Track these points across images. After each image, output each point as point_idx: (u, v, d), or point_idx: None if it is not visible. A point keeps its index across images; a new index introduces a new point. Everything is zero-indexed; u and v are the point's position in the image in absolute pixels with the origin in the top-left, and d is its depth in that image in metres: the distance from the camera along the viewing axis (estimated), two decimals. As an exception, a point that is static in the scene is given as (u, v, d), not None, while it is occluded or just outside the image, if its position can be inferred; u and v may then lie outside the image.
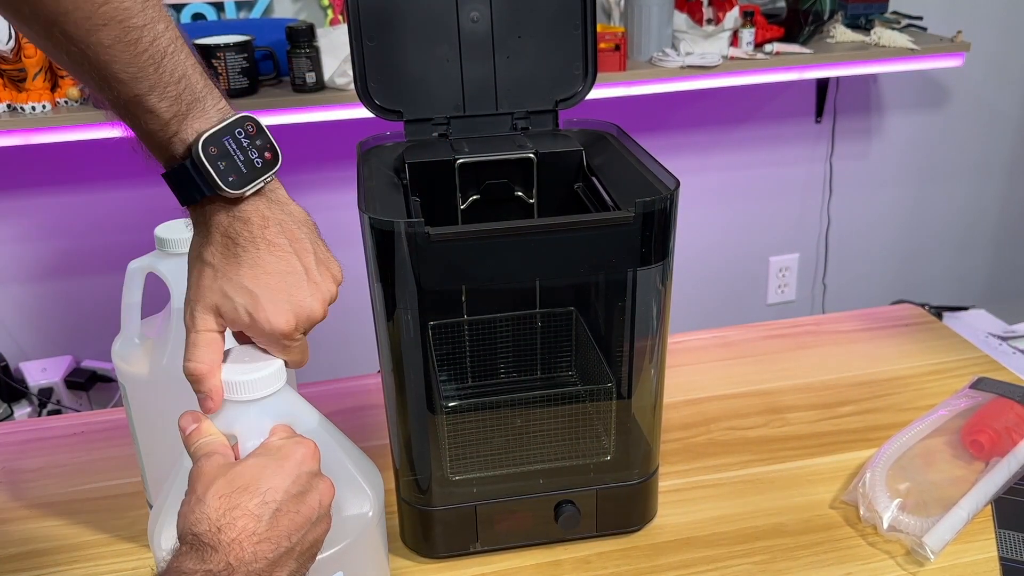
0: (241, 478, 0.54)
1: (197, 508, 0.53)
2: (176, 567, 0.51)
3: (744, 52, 1.99)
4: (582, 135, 0.90)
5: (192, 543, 0.52)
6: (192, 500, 0.54)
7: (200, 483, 0.54)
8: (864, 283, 2.67)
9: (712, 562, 0.82)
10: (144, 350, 0.79)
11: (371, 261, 0.72)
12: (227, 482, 0.54)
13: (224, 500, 0.53)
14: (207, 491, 0.53)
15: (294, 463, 0.56)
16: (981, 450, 0.92)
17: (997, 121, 2.54)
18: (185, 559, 0.51)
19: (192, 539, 0.52)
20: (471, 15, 0.86)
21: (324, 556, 0.66)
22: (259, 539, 0.52)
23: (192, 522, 0.52)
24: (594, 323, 0.90)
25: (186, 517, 0.53)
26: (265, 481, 0.54)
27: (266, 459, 0.56)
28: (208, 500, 0.53)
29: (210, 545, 0.51)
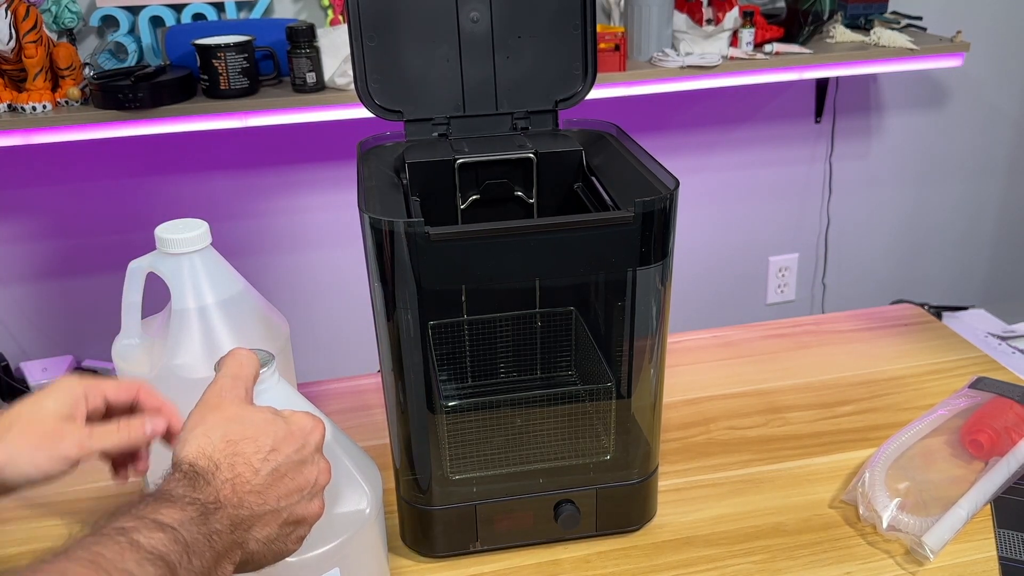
0: (252, 428, 0.55)
1: (203, 441, 0.54)
2: (166, 490, 0.51)
3: (744, 52, 1.99)
4: (582, 135, 0.91)
5: (187, 472, 0.52)
6: (199, 431, 0.55)
7: (213, 415, 0.55)
8: (864, 283, 2.67)
9: (712, 561, 0.82)
10: (144, 350, 0.80)
11: (371, 261, 0.72)
12: (239, 428, 0.55)
13: (230, 445, 0.54)
14: (216, 430, 0.54)
15: (302, 432, 0.58)
16: (980, 450, 0.92)
17: (997, 121, 2.54)
18: (176, 485, 0.51)
19: (188, 469, 0.53)
20: (471, 15, 0.86)
21: (320, 552, 0.66)
22: (250, 489, 0.53)
23: (194, 454, 0.53)
24: (594, 323, 0.90)
25: (188, 445, 0.54)
26: (272, 439, 0.55)
27: (279, 420, 0.57)
28: (215, 439, 0.54)
29: (204, 479, 0.52)
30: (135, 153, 1.98)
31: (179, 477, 0.52)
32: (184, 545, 0.48)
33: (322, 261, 2.24)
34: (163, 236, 0.78)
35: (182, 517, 0.49)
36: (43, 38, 1.67)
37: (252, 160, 2.04)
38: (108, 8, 1.82)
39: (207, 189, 2.07)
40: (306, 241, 2.21)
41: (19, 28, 1.63)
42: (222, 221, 2.11)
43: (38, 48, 1.66)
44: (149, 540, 0.46)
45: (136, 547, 0.45)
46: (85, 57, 1.85)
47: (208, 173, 2.05)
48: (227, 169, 2.06)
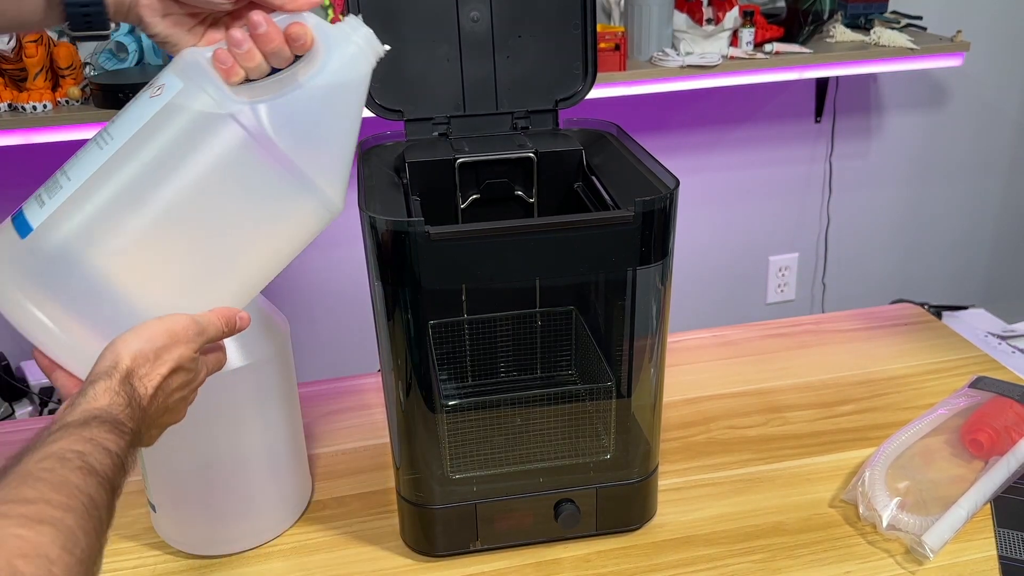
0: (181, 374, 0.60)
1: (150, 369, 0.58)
2: (111, 412, 0.55)
3: (744, 52, 1.99)
4: (582, 135, 0.91)
5: (130, 395, 0.56)
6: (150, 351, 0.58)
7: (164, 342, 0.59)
8: (863, 282, 2.67)
9: (712, 561, 0.82)
10: (145, 349, 0.79)
11: (371, 260, 0.72)
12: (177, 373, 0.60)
13: (157, 378, 0.58)
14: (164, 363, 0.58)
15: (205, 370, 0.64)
16: (980, 449, 0.92)
17: (997, 121, 2.54)
18: (119, 407, 0.55)
19: (130, 390, 0.56)
20: (471, 15, 0.86)
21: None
22: (159, 415, 0.60)
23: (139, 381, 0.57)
24: (594, 322, 0.90)
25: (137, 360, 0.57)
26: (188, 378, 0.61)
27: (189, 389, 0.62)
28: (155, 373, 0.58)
29: (141, 405, 0.57)
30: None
31: (122, 398, 0.55)
32: (122, 469, 0.54)
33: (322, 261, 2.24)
34: (163, 236, 0.78)
35: (122, 445, 0.54)
36: (43, 37, 1.67)
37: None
38: (108, 8, 1.82)
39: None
40: (306, 241, 2.21)
41: (19, 28, 1.63)
42: (222, 221, 2.11)
43: (38, 47, 1.66)
44: (102, 466, 0.51)
45: (93, 472, 0.50)
46: (85, 57, 1.84)
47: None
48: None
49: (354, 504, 0.91)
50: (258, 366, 0.80)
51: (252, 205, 0.61)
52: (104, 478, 0.51)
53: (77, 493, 0.48)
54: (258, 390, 0.81)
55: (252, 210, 0.61)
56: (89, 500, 0.49)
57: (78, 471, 0.50)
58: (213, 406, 0.79)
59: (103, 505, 0.50)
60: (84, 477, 0.50)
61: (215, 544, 0.84)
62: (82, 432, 0.52)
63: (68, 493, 0.48)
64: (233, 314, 0.64)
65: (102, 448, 0.52)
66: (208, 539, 0.84)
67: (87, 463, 0.51)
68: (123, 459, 0.54)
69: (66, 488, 0.48)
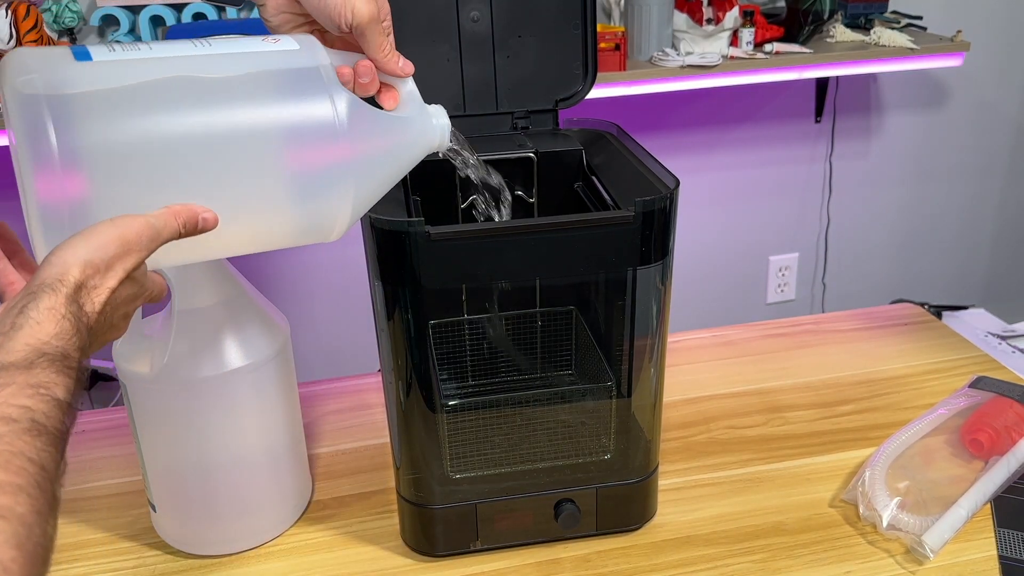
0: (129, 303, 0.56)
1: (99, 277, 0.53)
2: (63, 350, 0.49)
3: (744, 52, 1.99)
4: (582, 134, 0.91)
5: (78, 317, 0.51)
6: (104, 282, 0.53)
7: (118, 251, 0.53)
8: (863, 282, 2.67)
9: (712, 560, 0.82)
10: (145, 349, 0.80)
11: (371, 260, 0.72)
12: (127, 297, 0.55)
13: (104, 293, 0.53)
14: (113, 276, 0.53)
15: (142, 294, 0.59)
16: (980, 449, 0.92)
17: (997, 121, 2.54)
18: (68, 339, 0.50)
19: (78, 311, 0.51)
20: (471, 15, 0.86)
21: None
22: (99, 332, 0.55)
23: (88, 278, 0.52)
24: (594, 322, 0.90)
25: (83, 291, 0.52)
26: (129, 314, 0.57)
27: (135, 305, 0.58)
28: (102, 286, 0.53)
29: (87, 329, 0.52)
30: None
31: (69, 323, 0.50)
32: (71, 411, 0.49)
33: (322, 261, 2.24)
34: (163, 235, 0.78)
35: (71, 387, 0.49)
36: (44, 37, 1.67)
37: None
38: (108, 8, 1.82)
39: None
40: (306, 241, 2.21)
41: (19, 28, 1.63)
42: (222, 221, 2.11)
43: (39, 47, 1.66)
44: (52, 421, 0.47)
45: (43, 431, 0.46)
46: (85, 57, 1.84)
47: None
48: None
49: (354, 504, 0.91)
50: (258, 366, 0.80)
51: (278, 182, 0.60)
52: (54, 435, 0.47)
53: (28, 466, 0.44)
54: (258, 390, 0.81)
55: (273, 184, 0.61)
56: (40, 472, 0.44)
57: (26, 434, 0.45)
58: (213, 406, 0.79)
59: (54, 468, 0.46)
60: (33, 440, 0.45)
61: (215, 544, 0.84)
62: (28, 377, 0.47)
63: (17, 469, 0.43)
64: (194, 213, 0.57)
65: (51, 399, 0.47)
66: (208, 539, 0.84)
67: (36, 422, 0.46)
68: (72, 404, 0.49)
69: (15, 463, 0.43)
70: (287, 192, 0.61)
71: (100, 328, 0.54)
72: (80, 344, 0.50)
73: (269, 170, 0.60)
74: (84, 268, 0.52)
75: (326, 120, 0.61)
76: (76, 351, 0.50)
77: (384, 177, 0.66)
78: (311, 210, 0.63)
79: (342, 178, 0.62)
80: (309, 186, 0.61)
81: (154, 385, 0.78)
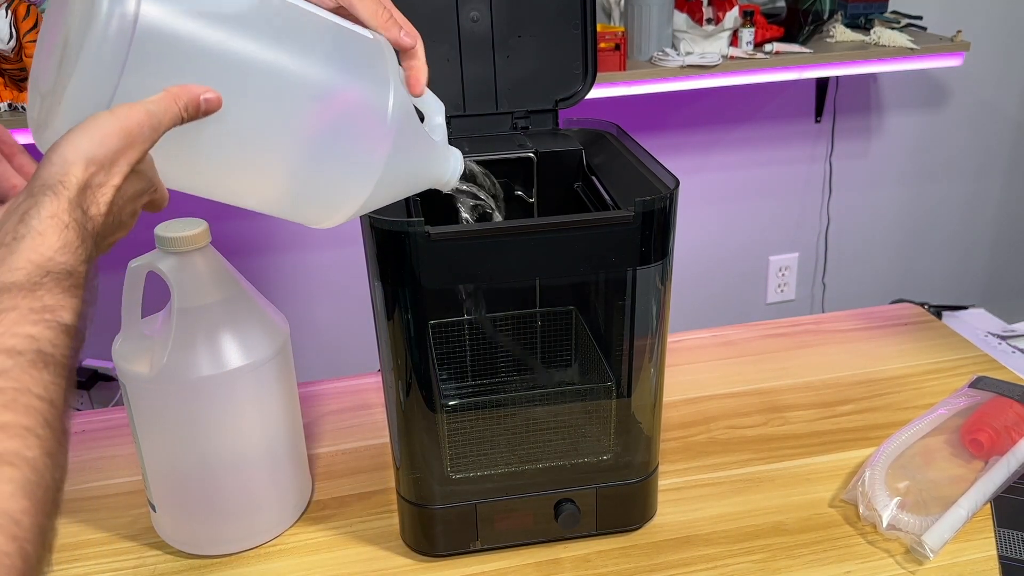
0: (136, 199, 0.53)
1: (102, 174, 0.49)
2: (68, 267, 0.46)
3: (744, 52, 1.99)
4: (582, 134, 0.91)
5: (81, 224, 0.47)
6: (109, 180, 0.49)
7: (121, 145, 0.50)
8: (863, 282, 2.67)
9: (712, 560, 0.82)
10: (145, 349, 0.80)
11: (371, 261, 0.72)
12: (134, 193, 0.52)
13: (109, 192, 0.50)
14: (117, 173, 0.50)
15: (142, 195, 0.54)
16: (980, 449, 0.92)
17: (997, 121, 2.54)
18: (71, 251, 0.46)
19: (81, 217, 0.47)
20: (471, 15, 0.86)
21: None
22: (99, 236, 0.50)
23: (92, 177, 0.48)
24: (594, 322, 0.90)
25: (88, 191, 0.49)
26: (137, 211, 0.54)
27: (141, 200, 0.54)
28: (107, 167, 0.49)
29: (92, 237, 0.48)
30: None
31: (73, 232, 0.47)
32: (81, 337, 0.46)
33: (322, 261, 2.24)
34: (163, 235, 0.78)
35: (78, 308, 0.46)
36: (43, 38, 1.67)
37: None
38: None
39: (207, 189, 2.07)
40: (306, 241, 2.21)
41: (19, 27, 1.63)
42: (221, 221, 2.11)
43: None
44: (60, 349, 0.44)
45: (49, 363, 0.43)
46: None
47: (208, 173, 2.05)
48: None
49: (354, 504, 0.91)
50: (258, 366, 0.80)
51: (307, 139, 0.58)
52: (62, 365, 0.44)
53: (36, 403, 0.41)
54: (258, 390, 0.81)
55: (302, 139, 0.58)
56: (49, 408, 0.42)
57: (32, 368, 0.42)
58: (213, 406, 0.79)
59: (63, 402, 0.43)
60: (40, 374, 0.42)
61: (215, 544, 0.84)
62: (32, 301, 0.44)
63: (25, 408, 0.41)
64: (195, 93, 0.52)
65: (57, 325, 0.44)
66: (208, 539, 0.84)
67: (43, 352, 0.43)
68: (80, 328, 0.46)
69: (22, 401, 0.41)
70: (311, 153, 0.59)
71: (107, 230, 0.51)
72: (86, 255, 0.47)
73: (305, 124, 0.58)
74: (87, 166, 0.48)
75: (379, 108, 0.60)
76: (82, 264, 0.47)
77: (398, 186, 0.66)
78: (325, 184, 0.61)
79: (364, 168, 0.61)
80: (332, 159, 0.60)
81: (154, 385, 0.78)
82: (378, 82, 0.61)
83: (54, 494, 0.41)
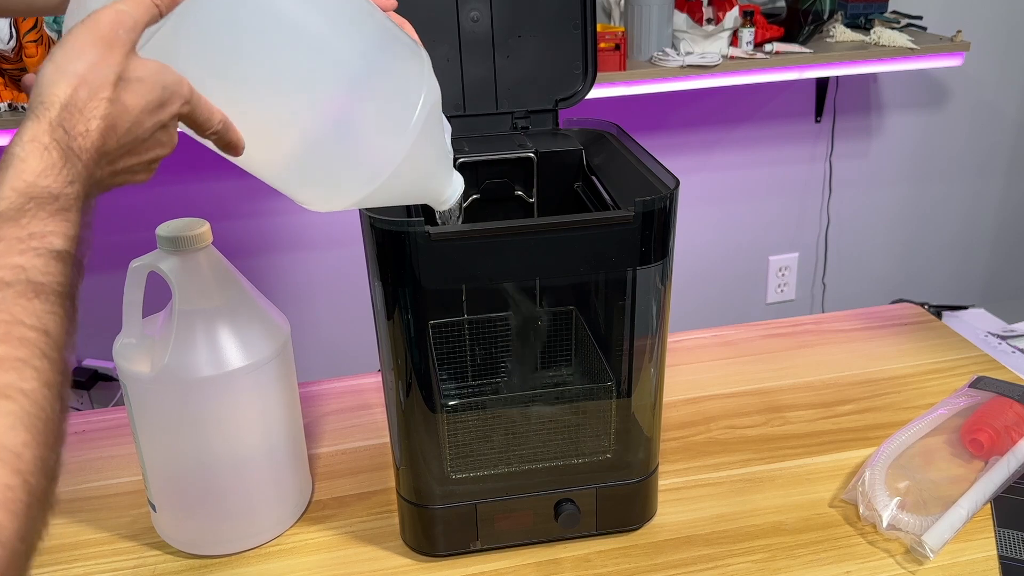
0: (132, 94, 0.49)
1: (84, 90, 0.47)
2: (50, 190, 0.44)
3: (744, 52, 1.99)
4: (582, 134, 0.91)
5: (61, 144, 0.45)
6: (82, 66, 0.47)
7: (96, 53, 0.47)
8: (863, 282, 2.67)
9: (712, 560, 0.82)
10: (145, 349, 0.80)
11: (371, 261, 0.72)
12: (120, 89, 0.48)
13: (105, 104, 0.47)
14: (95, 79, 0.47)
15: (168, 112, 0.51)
16: (980, 449, 0.92)
17: (997, 121, 2.54)
18: (53, 174, 0.45)
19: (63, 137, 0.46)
20: (471, 15, 0.86)
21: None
22: (107, 161, 0.49)
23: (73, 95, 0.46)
24: (594, 322, 0.90)
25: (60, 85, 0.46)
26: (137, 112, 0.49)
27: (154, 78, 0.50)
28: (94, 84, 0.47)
29: (77, 155, 0.46)
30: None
31: (53, 154, 0.45)
32: (77, 263, 0.45)
33: (322, 261, 2.24)
34: (164, 235, 0.78)
35: (70, 231, 0.44)
36: (43, 37, 1.67)
37: (252, 160, 2.04)
38: (108, 8, 1.82)
39: (208, 189, 2.07)
40: (306, 241, 2.21)
41: (19, 28, 1.63)
42: (222, 221, 2.11)
43: (39, 48, 1.66)
44: (53, 276, 0.43)
45: (41, 291, 0.42)
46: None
47: (208, 173, 2.05)
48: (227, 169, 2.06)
49: (354, 504, 0.91)
50: (258, 366, 0.80)
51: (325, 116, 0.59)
52: (56, 293, 0.42)
53: (29, 334, 0.40)
54: (258, 390, 0.81)
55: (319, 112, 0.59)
56: (44, 338, 0.41)
57: (22, 299, 0.41)
58: (213, 406, 0.79)
59: (60, 331, 0.42)
60: (31, 304, 0.41)
61: (215, 544, 0.85)
62: (17, 231, 0.42)
63: (19, 340, 0.40)
64: None
65: (46, 252, 0.43)
66: (208, 539, 0.84)
67: (33, 282, 0.41)
68: (75, 253, 0.44)
69: (15, 334, 0.40)
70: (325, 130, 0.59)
71: (121, 147, 0.49)
72: (73, 175, 0.45)
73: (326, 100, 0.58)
74: (67, 83, 0.46)
75: (405, 109, 0.61)
76: (69, 186, 0.45)
77: (405, 187, 0.66)
78: (329, 162, 0.61)
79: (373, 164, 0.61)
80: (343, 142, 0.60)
81: (154, 385, 0.78)
82: (413, 81, 0.62)
83: (56, 426, 0.40)
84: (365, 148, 0.60)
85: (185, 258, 0.78)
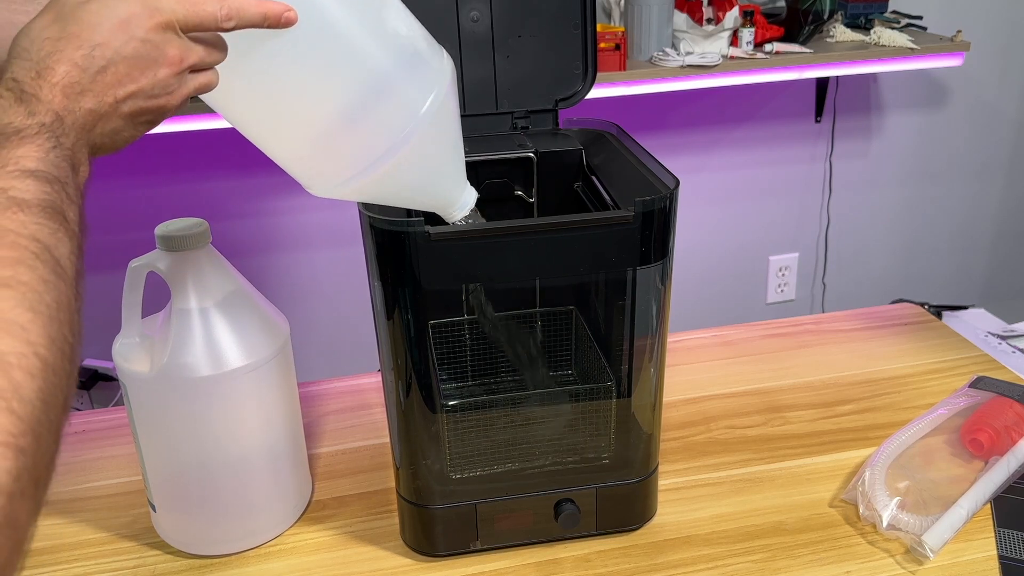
0: (77, 23, 0.50)
1: (25, 40, 0.50)
2: (6, 123, 0.48)
3: (744, 52, 1.99)
4: (582, 134, 0.91)
5: (14, 91, 0.49)
6: (30, 25, 0.51)
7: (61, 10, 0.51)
8: (864, 282, 2.67)
9: (712, 560, 0.82)
10: (145, 349, 0.80)
11: (371, 261, 0.72)
12: (60, 25, 0.50)
13: (49, 43, 0.50)
14: (44, 27, 0.50)
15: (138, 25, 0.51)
16: (980, 449, 0.92)
17: (997, 121, 2.54)
18: (12, 114, 0.48)
19: (14, 86, 0.49)
20: (471, 15, 0.86)
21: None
22: (81, 90, 0.50)
23: (18, 55, 0.50)
24: (594, 322, 0.90)
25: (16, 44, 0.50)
26: (99, 35, 0.50)
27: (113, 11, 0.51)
28: (35, 36, 0.50)
29: (32, 94, 0.49)
30: (136, 152, 1.99)
31: (12, 102, 0.48)
32: (55, 180, 0.47)
33: (322, 261, 2.24)
34: (163, 235, 0.78)
35: (40, 153, 0.47)
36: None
37: (252, 160, 2.04)
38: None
39: (207, 189, 2.07)
40: (306, 241, 2.21)
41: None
42: (222, 221, 2.11)
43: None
44: (35, 193, 0.45)
45: (24, 206, 0.44)
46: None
47: (208, 173, 2.05)
48: (227, 169, 2.06)
49: (354, 504, 0.91)
50: (258, 366, 0.80)
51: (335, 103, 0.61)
52: (41, 207, 0.45)
53: (20, 240, 0.43)
54: (258, 390, 0.81)
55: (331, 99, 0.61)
56: (34, 242, 0.43)
57: (6, 211, 0.43)
58: (213, 406, 0.79)
59: (51, 239, 0.44)
60: (16, 215, 0.43)
61: (215, 544, 0.85)
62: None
63: (11, 244, 0.42)
64: None
65: (21, 172, 0.45)
66: (208, 539, 0.84)
67: (13, 198, 0.44)
68: (50, 173, 0.46)
69: (7, 240, 0.42)
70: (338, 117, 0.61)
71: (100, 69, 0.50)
72: (32, 110, 0.48)
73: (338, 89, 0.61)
74: (14, 49, 0.50)
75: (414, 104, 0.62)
76: (30, 117, 0.48)
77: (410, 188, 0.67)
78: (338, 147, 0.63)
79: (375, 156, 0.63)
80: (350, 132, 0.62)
81: (154, 385, 0.78)
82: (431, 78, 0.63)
83: (57, 312, 0.42)
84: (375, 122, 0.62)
85: (184, 258, 0.78)
